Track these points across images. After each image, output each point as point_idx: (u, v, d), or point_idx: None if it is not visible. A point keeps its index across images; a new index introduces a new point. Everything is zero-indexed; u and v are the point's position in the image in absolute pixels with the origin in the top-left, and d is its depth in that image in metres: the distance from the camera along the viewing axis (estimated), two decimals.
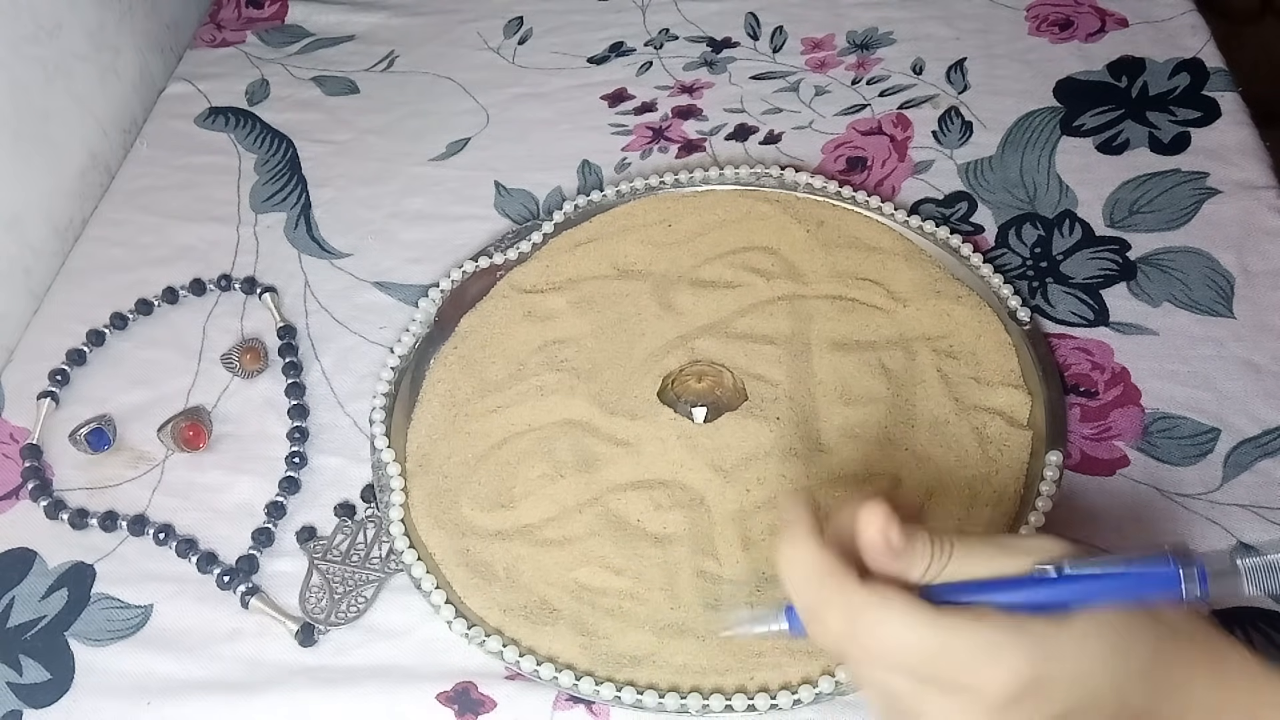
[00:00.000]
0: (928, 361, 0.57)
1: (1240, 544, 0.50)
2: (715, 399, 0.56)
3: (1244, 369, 0.56)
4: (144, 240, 0.69)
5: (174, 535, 0.55)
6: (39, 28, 0.69)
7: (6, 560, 0.55)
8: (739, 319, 0.60)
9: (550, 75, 0.77)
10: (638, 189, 0.67)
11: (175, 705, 0.50)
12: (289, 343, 0.62)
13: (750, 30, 0.78)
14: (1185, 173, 0.65)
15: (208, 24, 0.84)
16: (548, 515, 0.53)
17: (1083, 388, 0.56)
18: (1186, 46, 0.72)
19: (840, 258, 0.62)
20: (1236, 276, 0.59)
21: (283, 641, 0.51)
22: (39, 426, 0.60)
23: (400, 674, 0.50)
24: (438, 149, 0.73)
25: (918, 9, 0.77)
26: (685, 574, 0.51)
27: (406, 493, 0.55)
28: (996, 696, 0.33)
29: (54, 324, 0.65)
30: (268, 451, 0.58)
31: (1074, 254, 0.62)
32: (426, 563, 0.52)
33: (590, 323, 0.61)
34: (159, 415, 0.59)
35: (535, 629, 0.50)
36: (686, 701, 0.47)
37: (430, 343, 0.61)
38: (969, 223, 0.64)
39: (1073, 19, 0.75)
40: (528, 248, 0.65)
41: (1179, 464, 0.53)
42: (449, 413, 0.58)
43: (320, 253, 0.67)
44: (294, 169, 0.73)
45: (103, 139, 0.75)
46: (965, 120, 0.70)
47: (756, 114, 0.72)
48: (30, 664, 0.51)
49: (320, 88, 0.78)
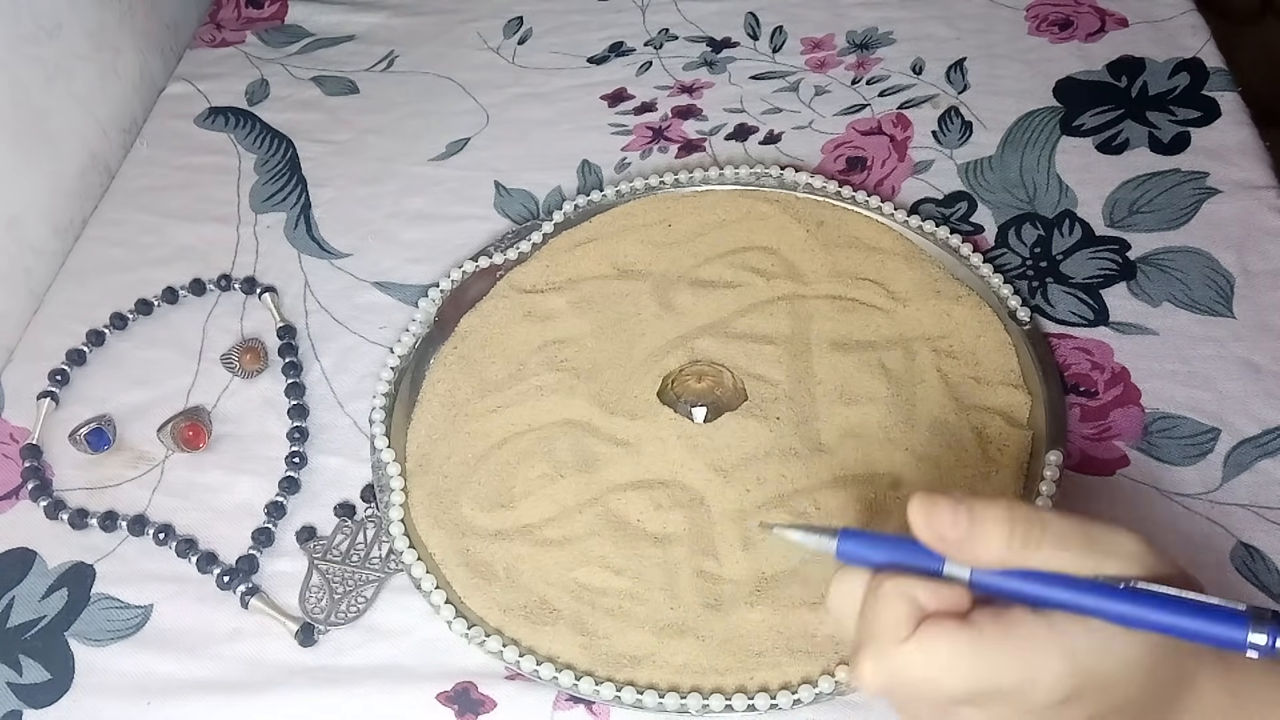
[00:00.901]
0: (928, 361, 0.57)
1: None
2: (715, 399, 0.56)
3: (1244, 369, 0.56)
4: (144, 240, 0.69)
5: (174, 535, 0.55)
6: (39, 28, 0.69)
7: (6, 560, 0.55)
8: (739, 319, 0.60)
9: (550, 75, 0.77)
10: (637, 189, 0.67)
11: (175, 705, 0.50)
12: (289, 343, 0.62)
13: (750, 30, 0.78)
14: (1185, 173, 0.65)
15: (208, 24, 0.84)
16: (548, 515, 0.53)
17: (1083, 387, 0.56)
18: (1186, 46, 0.72)
19: (840, 258, 0.62)
20: (1236, 276, 0.59)
21: (283, 641, 0.51)
22: (39, 426, 0.60)
23: (400, 674, 0.50)
24: (438, 149, 0.73)
25: (918, 9, 0.77)
26: (685, 574, 0.51)
27: (406, 493, 0.55)
28: (1039, 704, 0.33)
29: (54, 324, 0.65)
30: (268, 451, 0.58)
31: (1074, 254, 0.62)
32: (426, 563, 0.52)
33: (590, 323, 0.61)
34: (159, 415, 0.59)
35: (535, 629, 0.50)
36: (686, 701, 0.47)
37: (430, 343, 0.61)
38: (969, 223, 0.64)
39: (1073, 19, 0.75)
40: (528, 248, 0.65)
41: (1179, 464, 0.53)
42: (449, 413, 0.58)
43: (320, 253, 0.67)
44: (294, 169, 0.73)
45: (103, 139, 0.75)
46: (965, 120, 0.70)
47: (756, 114, 0.72)
48: (30, 664, 0.51)
49: (320, 88, 0.78)
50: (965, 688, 0.33)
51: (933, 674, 0.33)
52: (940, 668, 0.33)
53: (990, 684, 0.33)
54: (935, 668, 0.33)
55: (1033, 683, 0.33)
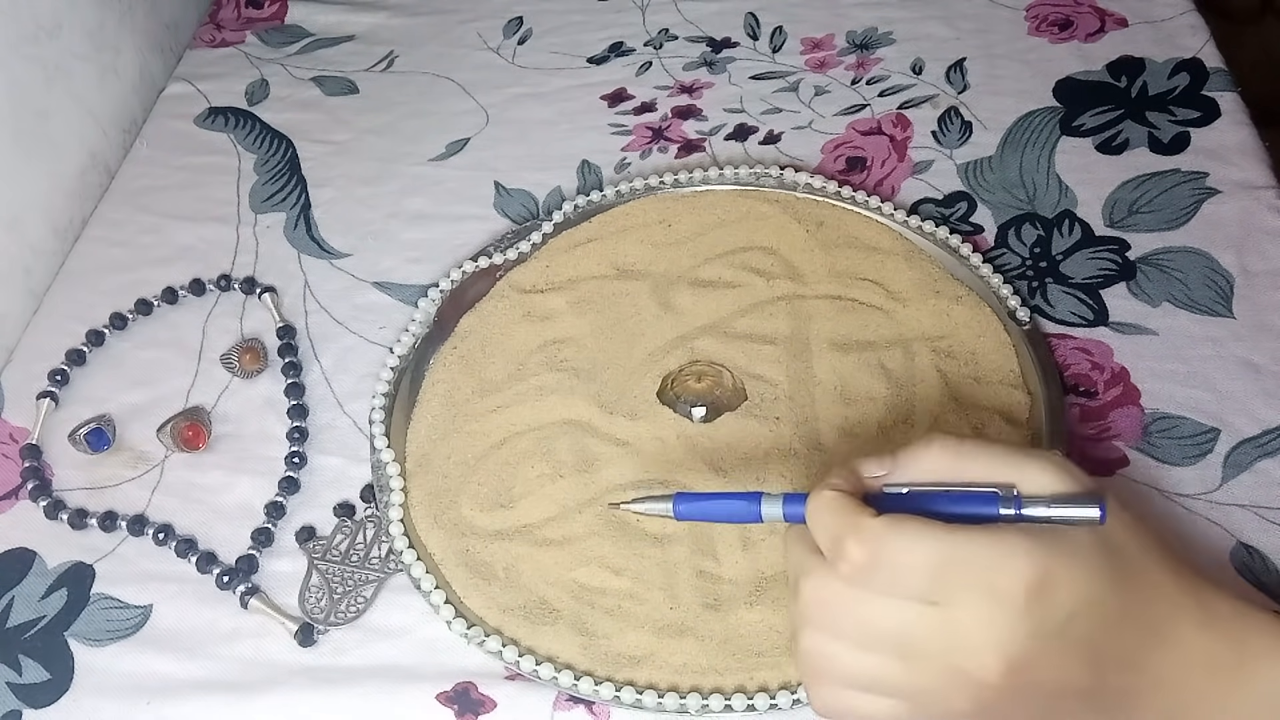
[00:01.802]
0: (927, 361, 0.57)
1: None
2: (715, 399, 0.56)
3: (1243, 369, 0.56)
4: (144, 240, 0.69)
5: (173, 535, 0.55)
6: (39, 28, 0.69)
7: (6, 560, 0.55)
8: (739, 319, 0.60)
9: (550, 75, 0.77)
10: (637, 189, 0.67)
11: (175, 705, 0.50)
12: (288, 343, 0.62)
13: (750, 30, 0.78)
14: (1185, 173, 0.65)
15: (207, 24, 0.84)
16: (547, 515, 0.53)
17: (1082, 388, 0.56)
18: (1186, 46, 0.72)
19: (840, 258, 0.62)
20: (1236, 276, 0.59)
21: (282, 641, 0.51)
22: (38, 426, 0.60)
23: (400, 674, 0.50)
24: (437, 149, 0.73)
25: (918, 9, 0.77)
26: (685, 574, 0.51)
27: (406, 493, 0.55)
28: (1015, 595, 0.34)
29: (54, 324, 0.65)
30: (267, 451, 0.58)
31: (1073, 254, 0.62)
32: (426, 563, 0.52)
33: (590, 323, 0.61)
34: (158, 415, 0.59)
35: (535, 629, 0.50)
36: (686, 701, 0.47)
37: (430, 343, 0.61)
38: (968, 223, 0.64)
39: (1072, 19, 0.75)
40: (527, 248, 0.65)
41: (1178, 464, 0.53)
42: (449, 413, 0.58)
43: (320, 253, 0.67)
44: (294, 169, 0.73)
45: (103, 139, 0.75)
46: (965, 120, 0.70)
47: (756, 114, 0.72)
48: (30, 664, 0.51)
49: (320, 88, 0.78)
50: (931, 567, 0.35)
51: (900, 547, 0.35)
52: (909, 539, 0.35)
53: (956, 567, 0.35)
54: (904, 539, 0.35)
55: (1001, 571, 0.35)
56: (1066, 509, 0.37)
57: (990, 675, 0.35)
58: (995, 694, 0.35)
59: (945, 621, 0.35)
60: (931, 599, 0.35)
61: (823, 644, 0.37)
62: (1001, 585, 0.35)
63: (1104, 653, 0.36)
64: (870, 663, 0.37)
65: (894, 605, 0.36)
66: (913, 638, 0.36)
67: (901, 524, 0.36)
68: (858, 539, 0.36)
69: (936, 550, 0.35)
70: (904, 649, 0.36)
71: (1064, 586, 0.35)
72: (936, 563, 0.35)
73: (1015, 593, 0.34)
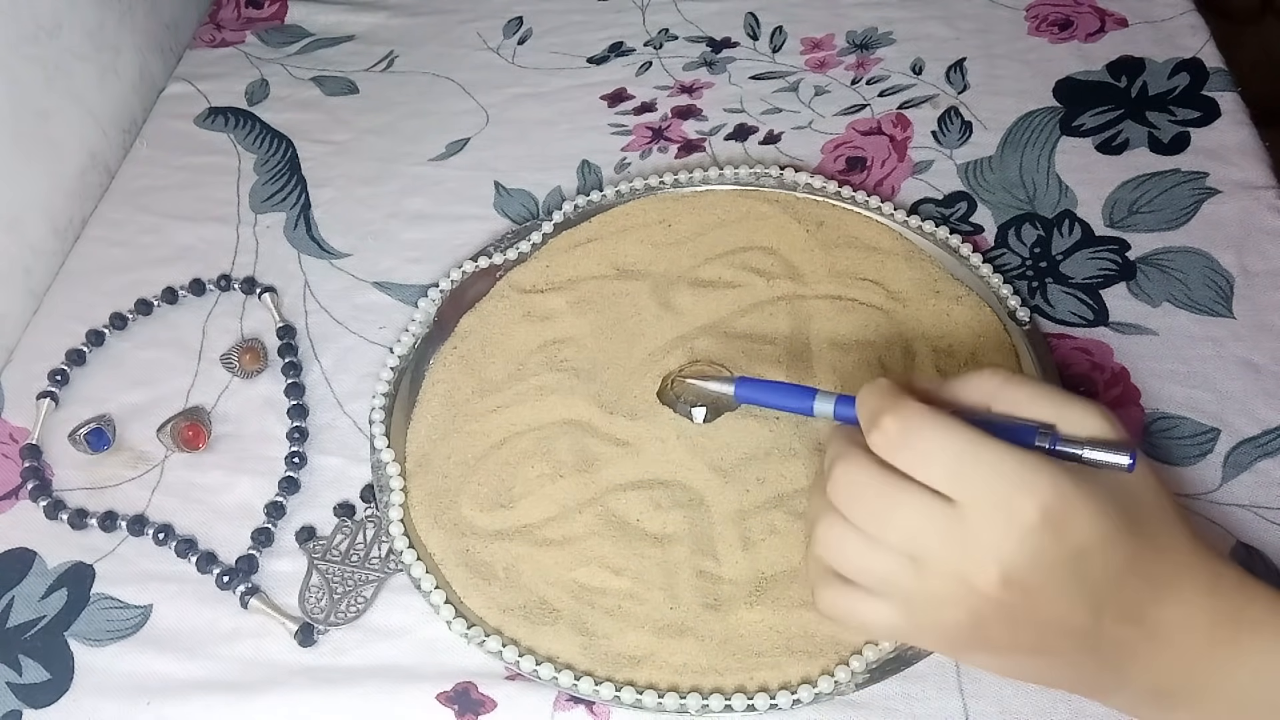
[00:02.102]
0: (927, 361, 0.57)
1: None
2: (715, 399, 0.56)
3: (1244, 369, 0.56)
4: (144, 240, 0.69)
5: (173, 535, 0.55)
6: (39, 28, 0.69)
7: (6, 560, 0.55)
8: (739, 319, 0.60)
9: (550, 75, 0.77)
10: (637, 189, 0.67)
11: (175, 705, 0.50)
12: (288, 343, 0.62)
13: (750, 30, 0.78)
14: (1185, 173, 0.65)
15: (207, 24, 0.84)
16: (547, 515, 0.53)
17: (1082, 388, 0.56)
18: (1186, 46, 0.72)
19: (840, 258, 0.62)
20: (1236, 276, 0.59)
21: (282, 641, 0.51)
22: (38, 426, 0.60)
23: (400, 674, 0.50)
24: (437, 149, 0.73)
25: (918, 9, 0.77)
26: (685, 574, 0.51)
27: (406, 493, 0.55)
28: (1029, 515, 0.35)
29: (54, 324, 0.65)
30: (267, 451, 0.58)
31: (1073, 254, 0.62)
32: (426, 563, 0.52)
33: (590, 323, 0.61)
34: (158, 415, 0.59)
35: (535, 629, 0.50)
36: (686, 701, 0.47)
37: (430, 343, 0.61)
38: (968, 223, 0.64)
39: (1072, 19, 0.75)
40: (527, 248, 0.65)
41: (1178, 464, 0.53)
42: (449, 413, 0.58)
43: (320, 253, 0.68)
44: (294, 169, 0.73)
45: (102, 139, 0.75)
46: (965, 120, 0.70)
47: (756, 114, 0.72)
48: (30, 664, 0.51)
49: (320, 88, 0.78)
50: (954, 457, 0.36)
51: (931, 433, 0.37)
52: (941, 429, 0.37)
53: (978, 471, 0.36)
54: (936, 428, 0.37)
55: (1018, 491, 0.35)
56: (1098, 451, 0.38)
57: (988, 586, 0.36)
58: (991, 607, 0.36)
59: (958, 521, 0.36)
60: (950, 493, 0.36)
61: (840, 532, 0.38)
62: (1018, 502, 0.35)
63: (1106, 598, 0.36)
64: (880, 559, 0.37)
65: (913, 496, 0.37)
66: (925, 534, 0.36)
67: (939, 414, 0.37)
68: (895, 414, 0.37)
69: (966, 446, 0.36)
70: (915, 546, 0.37)
71: (1079, 522, 0.35)
72: (963, 458, 0.36)
73: (1030, 513, 0.35)
